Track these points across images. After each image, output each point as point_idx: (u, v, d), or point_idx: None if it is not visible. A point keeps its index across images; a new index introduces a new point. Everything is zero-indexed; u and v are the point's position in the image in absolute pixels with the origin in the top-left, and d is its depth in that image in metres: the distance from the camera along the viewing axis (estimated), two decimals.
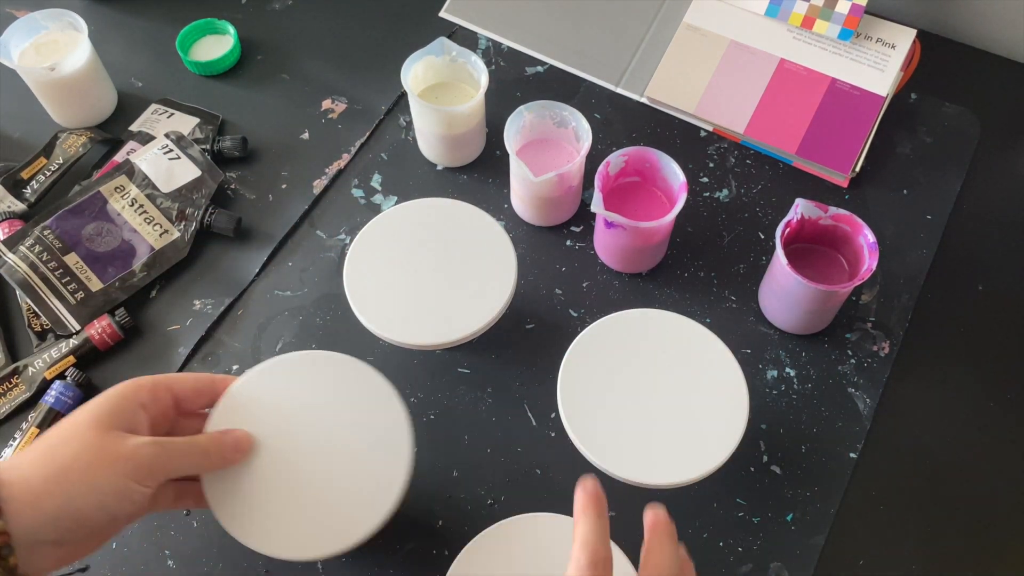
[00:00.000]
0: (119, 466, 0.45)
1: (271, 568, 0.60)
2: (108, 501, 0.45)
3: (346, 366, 0.55)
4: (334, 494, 0.52)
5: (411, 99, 0.73)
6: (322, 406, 0.54)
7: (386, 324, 0.61)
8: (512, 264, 0.63)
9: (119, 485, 0.45)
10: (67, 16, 0.77)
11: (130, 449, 0.46)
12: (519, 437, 0.64)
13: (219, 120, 0.81)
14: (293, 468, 0.52)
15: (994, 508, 0.62)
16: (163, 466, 0.47)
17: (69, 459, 0.45)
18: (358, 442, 0.53)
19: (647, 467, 0.54)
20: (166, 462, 0.48)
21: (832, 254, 0.68)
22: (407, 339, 0.60)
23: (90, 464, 0.45)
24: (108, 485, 0.45)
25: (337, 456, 0.53)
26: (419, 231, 0.65)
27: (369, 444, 0.53)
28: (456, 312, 0.61)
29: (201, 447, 0.50)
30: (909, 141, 0.78)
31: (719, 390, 0.57)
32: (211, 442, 0.51)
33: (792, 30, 0.78)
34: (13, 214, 0.73)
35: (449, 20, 0.87)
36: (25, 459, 0.45)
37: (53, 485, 0.44)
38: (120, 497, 0.45)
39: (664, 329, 0.59)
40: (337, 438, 0.53)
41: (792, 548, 0.60)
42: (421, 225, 0.65)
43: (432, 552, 0.58)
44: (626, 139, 0.79)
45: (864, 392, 0.66)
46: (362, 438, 0.53)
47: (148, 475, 0.46)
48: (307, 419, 0.54)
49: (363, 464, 0.53)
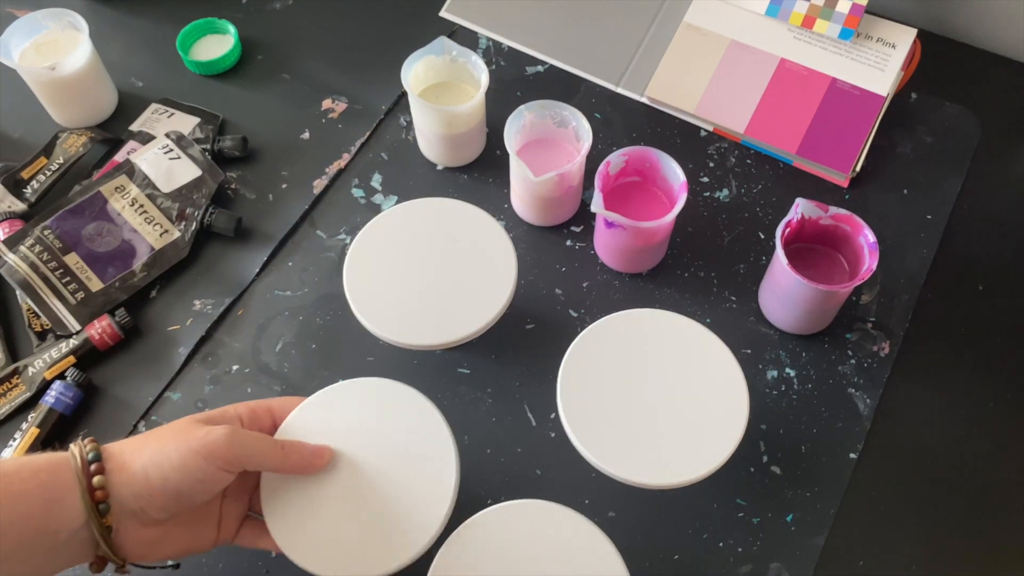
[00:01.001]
0: (194, 444, 0.48)
1: (271, 568, 0.60)
2: (181, 475, 0.48)
3: (401, 394, 0.57)
4: (384, 517, 0.53)
5: (411, 99, 0.73)
6: (375, 432, 0.55)
7: (386, 324, 0.61)
8: (512, 264, 0.63)
9: (194, 463, 0.48)
10: (67, 16, 0.77)
11: (206, 431, 0.49)
12: (519, 437, 0.64)
13: (219, 120, 0.81)
14: (347, 491, 0.54)
15: (994, 508, 0.62)
16: (237, 451, 0.50)
17: (156, 436, 0.50)
18: (407, 468, 0.54)
19: (647, 467, 0.54)
20: (240, 448, 0.50)
21: (832, 254, 0.68)
22: (407, 339, 0.60)
23: (172, 438, 0.49)
24: (183, 460, 0.48)
25: (388, 481, 0.54)
26: (419, 231, 0.65)
27: (417, 471, 0.54)
28: (456, 312, 0.61)
29: (279, 443, 0.53)
30: (909, 141, 0.78)
31: (719, 390, 0.57)
32: (292, 443, 0.53)
33: (792, 30, 0.77)
34: (13, 214, 0.73)
35: (449, 20, 0.87)
36: (126, 439, 0.50)
37: (141, 450, 0.49)
38: (193, 475, 0.48)
39: (664, 329, 0.59)
40: (388, 463, 0.54)
41: (792, 548, 0.60)
42: (421, 225, 0.65)
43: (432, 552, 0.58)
44: (626, 139, 0.79)
45: (864, 392, 0.66)
46: (411, 465, 0.54)
47: (221, 458, 0.49)
48: (361, 444, 0.55)
49: (411, 489, 0.54)
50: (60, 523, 0.46)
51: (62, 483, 0.46)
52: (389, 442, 0.55)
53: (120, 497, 0.47)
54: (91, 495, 0.46)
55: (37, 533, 0.45)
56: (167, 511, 0.49)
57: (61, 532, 0.46)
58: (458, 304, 0.61)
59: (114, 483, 0.47)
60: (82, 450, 0.48)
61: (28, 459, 0.47)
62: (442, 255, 0.64)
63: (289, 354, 0.68)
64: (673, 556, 0.60)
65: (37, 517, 0.45)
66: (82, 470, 0.47)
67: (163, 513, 0.49)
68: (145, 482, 0.48)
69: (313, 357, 0.68)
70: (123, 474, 0.48)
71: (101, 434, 0.65)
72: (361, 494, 0.54)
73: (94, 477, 0.47)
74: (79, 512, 0.46)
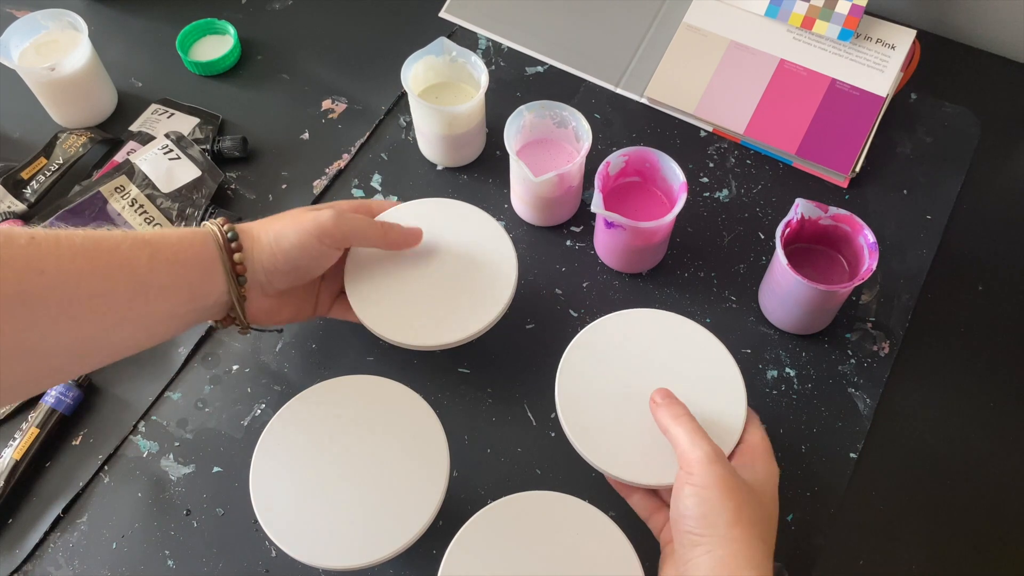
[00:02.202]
0: (308, 225, 0.57)
1: (271, 568, 0.60)
2: (300, 252, 0.57)
3: (392, 390, 0.58)
4: (375, 507, 0.54)
5: (411, 99, 0.73)
6: (368, 425, 0.57)
7: (386, 324, 0.61)
8: (513, 264, 0.63)
9: (308, 241, 0.57)
10: (67, 16, 0.77)
11: (315, 214, 0.58)
12: (519, 437, 0.64)
13: (219, 120, 0.81)
14: (338, 481, 0.55)
15: (995, 508, 0.62)
16: (344, 229, 0.58)
17: (276, 219, 0.59)
18: (400, 461, 0.56)
19: (646, 467, 0.54)
20: (346, 226, 0.58)
21: (832, 254, 0.68)
22: (407, 340, 0.60)
23: (290, 221, 0.58)
24: (300, 239, 0.57)
25: (380, 472, 0.55)
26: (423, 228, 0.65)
27: (409, 465, 0.55)
28: (457, 313, 0.61)
29: (380, 223, 0.61)
30: (909, 141, 0.78)
31: (717, 391, 0.57)
32: (390, 223, 0.62)
33: (792, 30, 0.78)
34: (13, 214, 0.73)
35: (449, 20, 0.87)
36: (254, 222, 0.59)
37: (266, 229, 0.57)
38: (309, 252, 0.57)
39: (662, 329, 0.59)
40: (381, 456, 0.56)
41: (792, 548, 0.60)
42: (422, 225, 0.65)
43: (432, 552, 0.58)
44: (626, 139, 0.79)
45: (864, 392, 0.66)
46: (403, 459, 0.56)
47: (330, 235, 0.57)
48: (354, 436, 0.57)
49: (404, 481, 0.55)
50: (210, 288, 0.54)
51: (210, 255, 0.54)
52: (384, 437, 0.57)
53: (252, 270, 0.56)
54: (233, 268, 0.55)
55: (194, 295, 0.54)
56: (286, 283, 0.58)
57: (209, 296, 0.55)
58: (458, 305, 0.62)
59: (249, 259, 0.56)
60: (220, 228, 0.55)
61: (181, 232, 0.54)
62: (443, 255, 0.64)
63: (289, 354, 0.68)
64: None
65: (195, 284, 0.54)
66: (224, 246, 0.55)
67: (283, 284, 0.58)
68: (272, 257, 0.56)
69: (313, 357, 0.68)
70: (255, 251, 0.56)
71: (101, 434, 0.65)
72: (357, 482, 0.55)
73: (235, 254, 0.55)
74: (222, 281, 0.55)
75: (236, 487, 0.63)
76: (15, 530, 0.62)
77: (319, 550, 0.53)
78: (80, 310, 0.48)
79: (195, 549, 0.61)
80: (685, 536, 0.48)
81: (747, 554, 0.46)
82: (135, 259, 0.51)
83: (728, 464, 0.49)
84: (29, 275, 0.46)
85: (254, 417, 0.66)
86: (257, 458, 0.56)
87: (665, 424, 0.53)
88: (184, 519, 0.62)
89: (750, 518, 0.47)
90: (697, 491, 0.48)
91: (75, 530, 0.62)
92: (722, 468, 0.48)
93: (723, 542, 0.46)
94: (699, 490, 0.48)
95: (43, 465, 0.64)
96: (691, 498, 0.48)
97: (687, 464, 0.49)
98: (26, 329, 0.46)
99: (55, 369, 0.50)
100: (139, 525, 0.62)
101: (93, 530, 0.62)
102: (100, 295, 0.49)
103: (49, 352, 0.48)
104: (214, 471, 0.64)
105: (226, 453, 0.64)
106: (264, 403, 0.66)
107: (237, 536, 0.61)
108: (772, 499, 0.51)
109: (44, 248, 0.47)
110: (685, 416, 0.52)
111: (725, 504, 0.47)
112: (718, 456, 0.49)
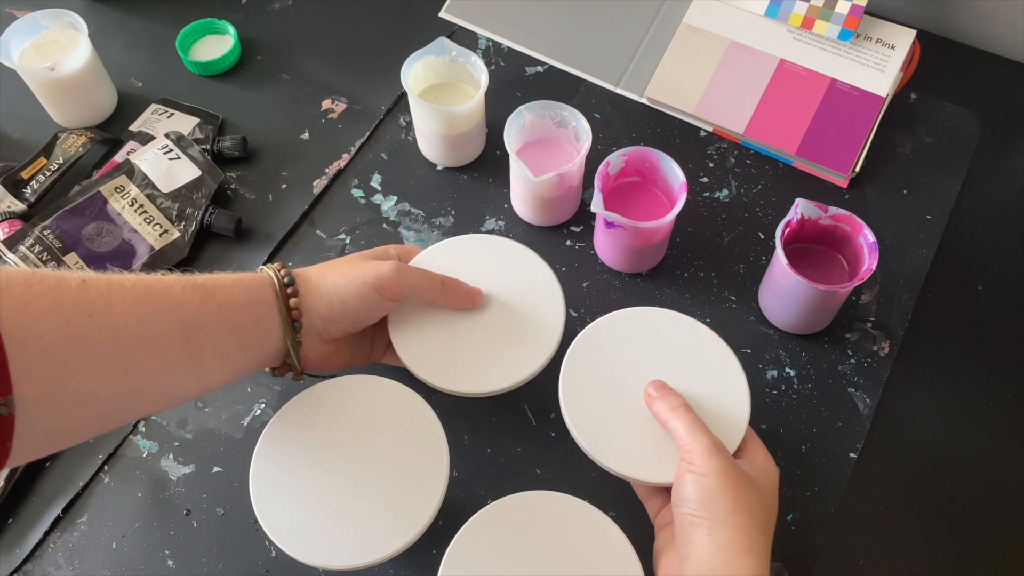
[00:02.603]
0: (369, 277, 0.56)
1: (271, 568, 0.60)
2: (358, 303, 0.56)
3: (392, 390, 0.58)
4: (375, 507, 0.54)
5: (411, 99, 0.73)
6: (368, 425, 0.57)
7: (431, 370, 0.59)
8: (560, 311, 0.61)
9: (368, 292, 0.56)
10: (67, 16, 0.77)
11: (375, 266, 0.57)
12: (519, 437, 0.64)
13: (219, 120, 0.81)
14: (338, 481, 0.55)
15: (995, 508, 0.62)
16: (404, 284, 0.57)
17: (334, 267, 0.58)
18: (400, 462, 0.56)
19: (650, 465, 0.54)
20: (404, 281, 0.57)
21: (832, 254, 0.68)
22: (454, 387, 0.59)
23: (349, 270, 0.57)
24: (359, 290, 0.56)
25: (380, 472, 0.55)
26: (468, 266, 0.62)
27: (409, 465, 0.55)
28: (503, 359, 0.59)
29: (439, 279, 0.59)
30: (909, 141, 0.78)
31: (720, 390, 0.57)
32: (449, 280, 0.60)
33: (792, 30, 0.78)
34: (13, 214, 0.73)
35: (449, 20, 0.87)
36: (312, 268, 0.58)
37: (325, 277, 0.56)
38: (367, 303, 0.56)
39: (665, 327, 0.59)
40: (381, 456, 0.56)
41: (792, 548, 0.60)
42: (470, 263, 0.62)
43: (432, 552, 0.58)
44: (626, 139, 0.79)
45: (864, 392, 0.66)
46: (404, 459, 0.56)
47: (390, 289, 0.56)
48: (354, 436, 0.56)
49: (404, 481, 0.55)
50: (265, 334, 0.53)
51: (265, 299, 0.53)
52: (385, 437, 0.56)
53: (309, 316, 0.55)
54: (288, 313, 0.54)
55: (248, 340, 0.53)
56: (343, 331, 0.57)
57: (265, 343, 0.54)
58: (505, 351, 0.60)
59: (306, 305, 0.55)
60: (277, 273, 0.55)
61: (236, 277, 0.53)
62: (492, 298, 0.61)
63: None
64: None
65: (250, 328, 0.53)
66: (280, 291, 0.54)
67: (339, 332, 0.57)
68: (329, 306, 0.55)
69: None
70: (312, 297, 0.55)
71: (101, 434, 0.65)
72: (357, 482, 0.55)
73: (291, 299, 0.54)
74: (278, 326, 0.54)
75: (236, 487, 0.63)
76: (15, 530, 0.62)
77: (319, 550, 0.53)
78: (129, 354, 0.46)
79: (195, 549, 0.61)
80: (686, 518, 0.48)
81: (746, 543, 0.46)
82: (187, 302, 0.49)
83: (728, 455, 0.50)
84: (77, 318, 0.44)
85: (254, 417, 0.66)
86: (257, 458, 0.56)
87: (664, 417, 0.53)
88: (184, 519, 0.62)
89: (750, 507, 0.48)
90: (698, 479, 0.48)
91: (75, 530, 0.62)
92: (723, 458, 0.49)
93: (724, 527, 0.47)
94: (700, 478, 0.48)
95: (43, 465, 0.64)
96: (691, 484, 0.48)
97: (688, 454, 0.50)
98: (72, 374, 0.44)
99: (101, 416, 0.48)
100: (139, 525, 0.62)
101: (93, 530, 0.62)
102: (149, 339, 0.47)
103: (95, 398, 0.46)
104: (214, 471, 0.64)
105: (226, 453, 0.64)
106: (264, 403, 0.66)
107: (237, 536, 0.61)
108: (772, 493, 0.52)
109: (94, 291, 0.46)
110: (682, 407, 0.52)
111: (726, 493, 0.48)
112: (718, 447, 0.50)
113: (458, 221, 0.75)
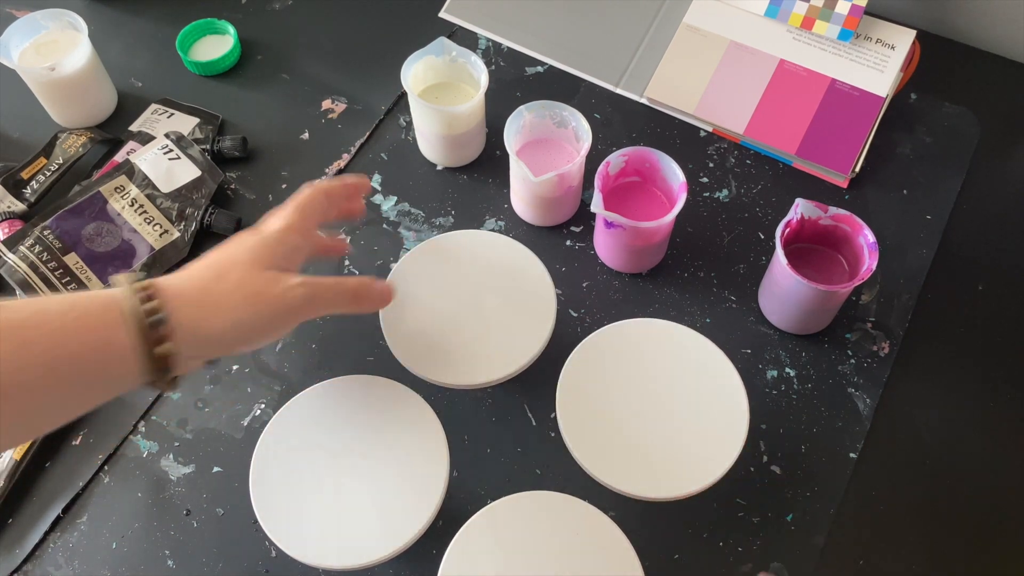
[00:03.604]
0: (277, 307, 0.49)
1: (271, 568, 0.60)
2: (263, 336, 0.49)
3: (392, 390, 0.58)
4: (375, 507, 0.54)
5: (411, 99, 0.73)
6: (368, 425, 0.57)
7: (422, 362, 0.59)
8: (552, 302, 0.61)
9: (276, 323, 0.49)
10: (67, 16, 0.77)
11: (282, 291, 0.49)
12: (519, 437, 0.64)
13: (219, 120, 0.81)
14: (338, 481, 0.55)
15: (994, 508, 0.62)
16: (313, 306, 0.51)
17: (222, 283, 0.48)
18: (400, 462, 0.56)
19: (647, 481, 0.54)
20: (316, 303, 0.51)
21: (832, 254, 0.68)
22: (446, 379, 0.59)
23: (246, 301, 0.48)
24: (264, 323, 0.49)
25: (380, 472, 0.55)
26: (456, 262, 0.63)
27: (409, 465, 0.55)
28: (494, 351, 0.60)
29: (350, 288, 0.54)
30: (909, 141, 0.78)
31: (719, 404, 0.57)
32: (360, 284, 0.55)
33: (792, 31, 0.78)
34: (13, 214, 0.73)
35: (449, 20, 0.87)
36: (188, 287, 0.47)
37: (214, 315, 0.47)
38: (273, 332, 0.50)
39: (664, 340, 0.59)
40: (381, 456, 0.56)
41: (792, 548, 0.60)
42: (458, 256, 0.63)
43: (432, 552, 0.58)
44: (626, 139, 0.79)
45: (864, 392, 0.66)
46: (404, 459, 0.56)
47: (302, 316, 0.50)
48: (354, 436, 0.56)
49: (404, 481, 0.55)
50: (118, 380, 0.44)
51: (115, 342, 0.43)
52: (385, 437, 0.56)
53: (187, 355, 0.46)
54: (153, 363, 0.44)
55: (87, 391, 0.44)
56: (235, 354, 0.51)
57: (117, 386, 0.45)
58: (496, 343, 0.60)
59: (182, 349, 0.45)
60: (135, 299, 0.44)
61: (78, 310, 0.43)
62: (478, 291, 0.62)
63: (289, 354, 0.68)
64: (673, 556, 0.60)
65: (89, 378, 0.43)
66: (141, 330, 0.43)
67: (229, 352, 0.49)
68: (219, 345, 0.47)
69: (313, 357, 0.68)
70: (194, 342, 0.46)
71: (101, 434, 0.65)
72: (357, 483, 0.55)
73: (159, 345, 0.44)
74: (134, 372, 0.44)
75: (236, 487, 0.63)
76: (15, 530, 0.62)
77: (319, 550, 0.53)
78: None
79: (195, 549, 0.61)
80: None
81: None
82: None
83: None
84: None
85: (254, 417, 0.66)
86: (257, 458, 0.56)
87: None
88: (184, 519, 0.62)
89: None
90: None
91: (75, 530, 0.62)
92: None
93: None
94: None
95: (43, 465, 0.64)
96: None
97: None
98: None
99: None
100: (139, 525, 0.62)
101: (93, 530, 0.62)
102: None
103: None
104: (214, 471, 0.64)
105: (226, 453, 0.64)
106: (264, 403, 0.66)
107: (237, 536, 0.61)
108: None
109: None
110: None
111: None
112: None
113: (458, 221, 0.75)
